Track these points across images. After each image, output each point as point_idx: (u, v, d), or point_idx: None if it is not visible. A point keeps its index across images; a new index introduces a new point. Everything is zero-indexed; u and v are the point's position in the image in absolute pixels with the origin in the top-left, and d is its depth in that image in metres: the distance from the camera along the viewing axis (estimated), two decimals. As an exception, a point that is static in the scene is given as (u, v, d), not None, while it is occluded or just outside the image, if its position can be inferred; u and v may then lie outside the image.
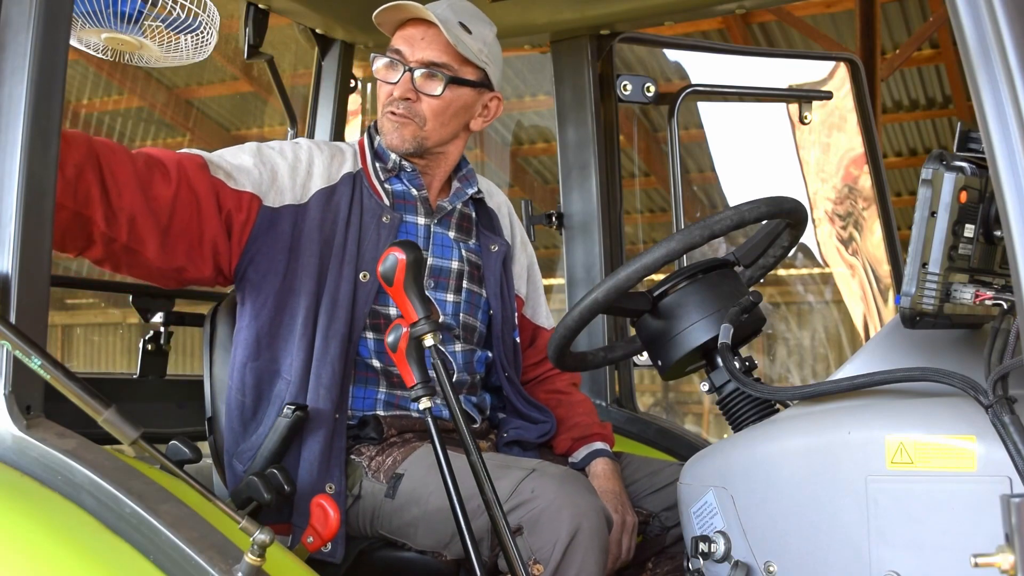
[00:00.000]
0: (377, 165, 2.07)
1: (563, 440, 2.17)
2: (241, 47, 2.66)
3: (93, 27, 2.36)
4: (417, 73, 2.00)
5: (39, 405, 1.49)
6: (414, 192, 2.09)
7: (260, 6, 2.64)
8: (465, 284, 2.10)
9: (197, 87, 10.52)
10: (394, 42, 2.04)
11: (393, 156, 2.07)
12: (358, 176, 2.04)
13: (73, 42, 2.38)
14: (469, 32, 2.03)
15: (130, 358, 13.72)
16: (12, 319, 1.43)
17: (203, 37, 2.55)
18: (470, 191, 2.16)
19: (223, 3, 2.65)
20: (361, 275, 1.95)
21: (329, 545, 1.79)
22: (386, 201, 2.04)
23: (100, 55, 2.52)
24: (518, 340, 2.20)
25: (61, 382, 1.35)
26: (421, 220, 2.08)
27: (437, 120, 2.03)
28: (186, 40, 2.54)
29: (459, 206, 2.15)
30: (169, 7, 2.46)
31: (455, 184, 2.15)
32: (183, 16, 2.48)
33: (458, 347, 2.07)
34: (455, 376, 2.05)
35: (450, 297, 2.08)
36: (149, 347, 2.61)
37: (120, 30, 2.41)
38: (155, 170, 1.79)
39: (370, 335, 1.98)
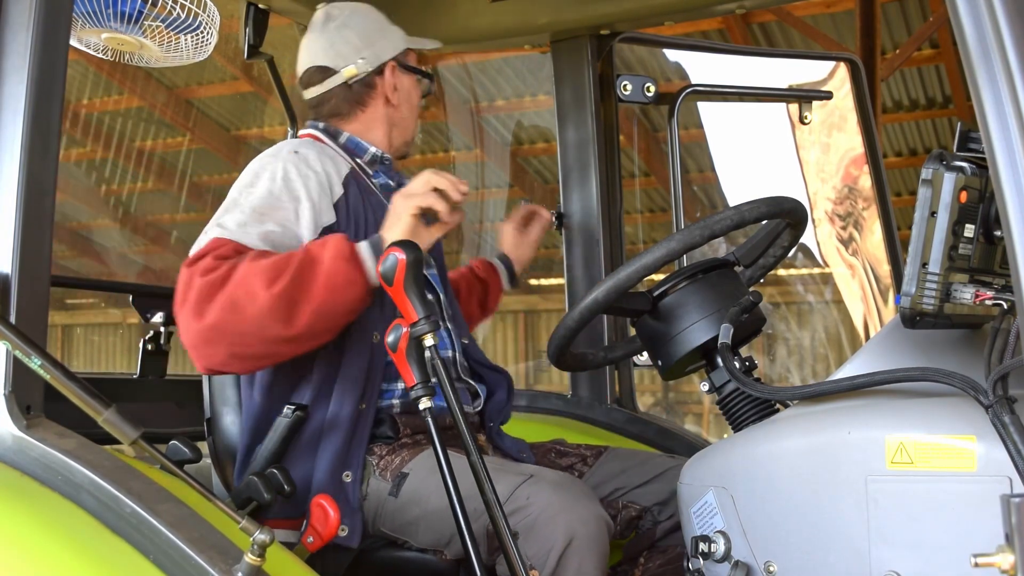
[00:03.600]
0: (358, 160, 2.10)
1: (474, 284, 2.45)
2: (241, 47, 2.66)
3: (93, 27, 2.36)
4: None
5: (39, 405, 1.49)
6: (392, 184, 2.13)
7: (260, 6, 2.63)
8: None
9: (197, 87, 10.53)
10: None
11: (372, 149, 2.11)
12: (352, 175, 2.02)
13: (73, 42, 2.38)
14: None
15: (130, 358, 13.73)
16: (12, 319, 1.44)
17: (203, 37, 2.55)
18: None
19: (223, 3, 2.66)
20: None
21: (346, 529, 1.81)
22: (381, 197, 2.05)
23: (100, 55, 2.52)
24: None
25: (61, 382, 1.35)
26: None
27: None
28: (186, 40, 2.54)
29: None
30: (169, 7, 2.47)
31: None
32: (183, 16, 2.48)
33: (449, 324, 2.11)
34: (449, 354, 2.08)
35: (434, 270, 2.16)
36: (149, 347, 2.61)
37: (120, 30, 2.41)
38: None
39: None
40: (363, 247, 1.76)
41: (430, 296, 2.10)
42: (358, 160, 2.09)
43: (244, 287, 1.68)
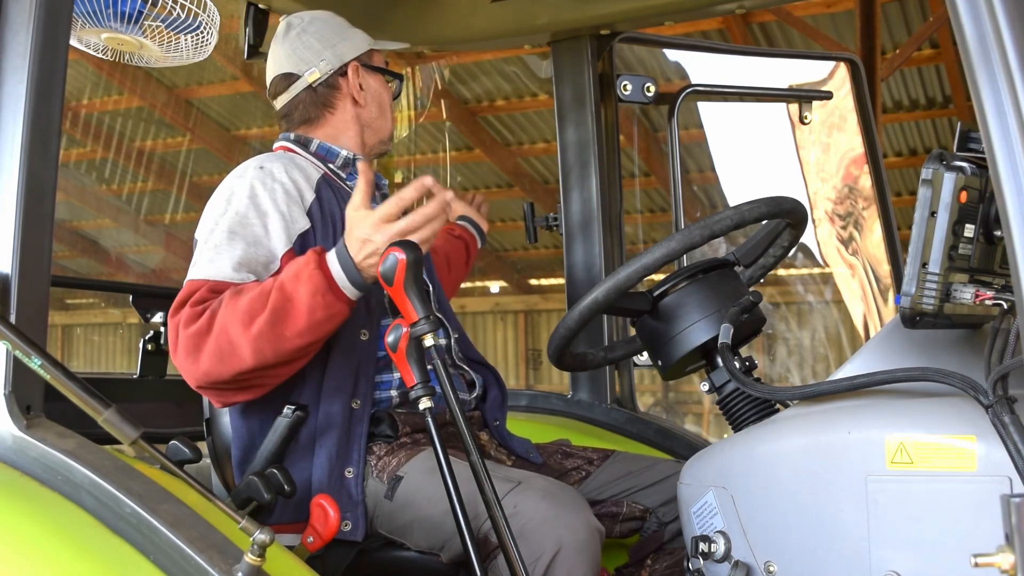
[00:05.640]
0: (330, 166, 2.11)
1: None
2: (241, 47, 2.67)
3: (93, 27, 2.37)
4: None
5: (39, 405, 1.49)
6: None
7: (260, 6, 2.63)
8: None
9: (197, 87, 10.53)
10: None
11: (343, 152, 2.12)
12: (324, 179, 2.03)
13: (73, 42, 2.39)
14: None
15: (130, 358, 13.74)
16: (12, 319, 1.44)
17: (203, 37, 2.56)
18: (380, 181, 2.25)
19: (223, 3, 2.66)
20: None
21: (349, 524, 1.81)
22: None
23: (100, 55, 2.52)
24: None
25: (61, 382, 1.35)
26: None
27: None
28: (186, 40, 2.54)
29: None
30: (169, 7, 2.47)
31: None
32: (183, 16, 2.49)
33: None
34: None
35: None
36: (149, 347, 2.62)
37: (120, 30, 2.41)
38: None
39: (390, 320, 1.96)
40: (337, 274, 1.74)
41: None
42: (330, 165, 2.10)
43: (225, 336, 1.73)
